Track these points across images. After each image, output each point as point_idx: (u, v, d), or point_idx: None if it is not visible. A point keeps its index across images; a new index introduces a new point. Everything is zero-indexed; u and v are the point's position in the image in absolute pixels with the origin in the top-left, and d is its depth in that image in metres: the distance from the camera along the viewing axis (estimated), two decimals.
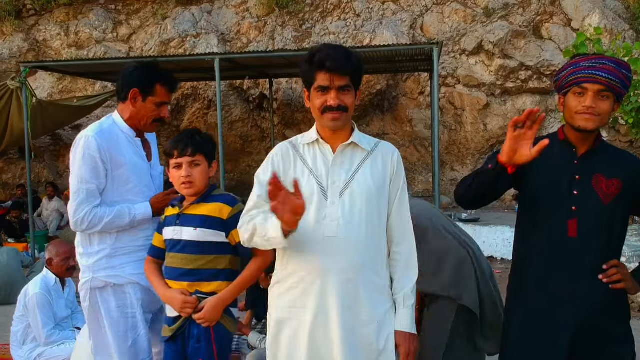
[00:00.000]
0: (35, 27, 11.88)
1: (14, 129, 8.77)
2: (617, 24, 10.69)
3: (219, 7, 11.84)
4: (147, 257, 2.40)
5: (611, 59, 1.84)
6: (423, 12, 11.43)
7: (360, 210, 1.83)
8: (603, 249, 1.88)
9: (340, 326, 1.80)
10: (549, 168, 1.91)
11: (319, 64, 1.77)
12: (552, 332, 1.85)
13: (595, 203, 1.86)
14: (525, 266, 1.97)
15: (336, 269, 1.81)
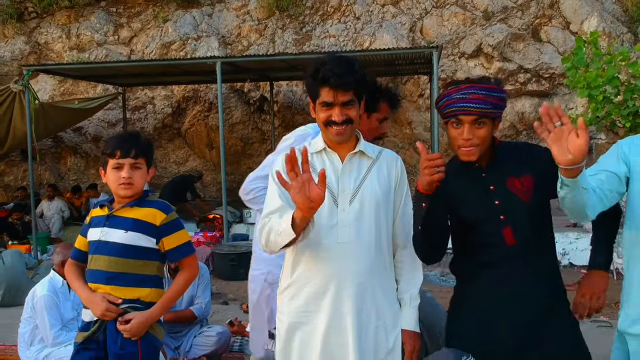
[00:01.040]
0: (37, 30, 11.96)
1: (16, 131, 8.86)
2: (615, 27, 10.78)
3: (220, 10, 11.92)
4: (69, 260, 2.39)
5: (481, 87, 1.85)
6: (422, 15, 11.51)
7: (370, 216, 1.91)
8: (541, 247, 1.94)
9: (355, 329, 1.88)
10: (465, 192, 1.94)
11: (323, 80, 1.83)
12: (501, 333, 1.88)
13: (518, 204, 1.91)
14: (472, 280, 2.00)
15: (350, 273, 1.89)
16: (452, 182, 1.85)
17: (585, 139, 1.56)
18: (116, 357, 2.20)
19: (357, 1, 11.72)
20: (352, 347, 1.86)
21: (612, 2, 11.50)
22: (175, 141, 11.56)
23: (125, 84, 10.52)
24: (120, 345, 2.21)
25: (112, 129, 11.35)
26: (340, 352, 1.88)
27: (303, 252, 1.93)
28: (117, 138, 2.34)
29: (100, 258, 2.25)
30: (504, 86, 1.92)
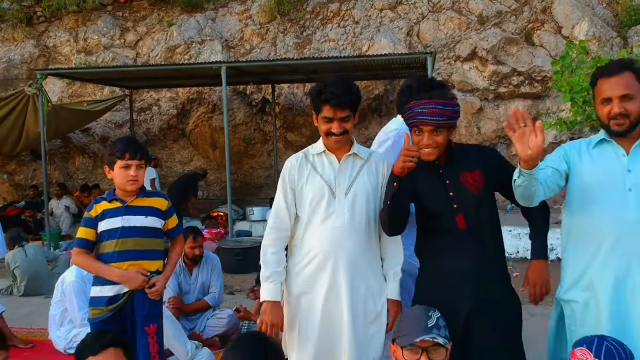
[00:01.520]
0: (46, 34, 12.41)
1: (29, 132, 9.32)
2: (605, 32, 11.22)
3: (223, 15, 12.38)
4: (76, 249, 2.78)
5: (438, 102, 2.26)
6: (419, 20, 11.97)
7: (361, 206, 2.38)
8: (488, 230, 2.37)
9: (348, 296, 2.34)
10: (426, 185, 2.38)
11: (325, 100, 2.30)
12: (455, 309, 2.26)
13: (469, 196, 2.33)
14: (433, 258, 2.42)
15: (344, 252, 2.36)
16: (417, 175, 2.31)
17: (541, 138, 1.95)
18: (145, 319, 2.70)
19: (356, 6, 12.18)
20: (346, 311, 2.33)
21: (602, 7, 11.95)
22: (179, 141, 12.03)
23: (132, 86, 10.98)
24: (148, 308, 2.73)
25: (119, 129, 11.82)
26: (337, 315, 2.34)
27: (308, 236, 2.40)
28: (124, 142, 2.87)
29: (127, 240, 2.74)
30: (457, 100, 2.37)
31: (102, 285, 2.73)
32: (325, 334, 2.35)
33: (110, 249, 2.74)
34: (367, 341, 2.36)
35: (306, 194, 2.43)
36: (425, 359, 1.85)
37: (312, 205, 2.41)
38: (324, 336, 2.35)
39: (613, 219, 2.18)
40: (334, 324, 2.35)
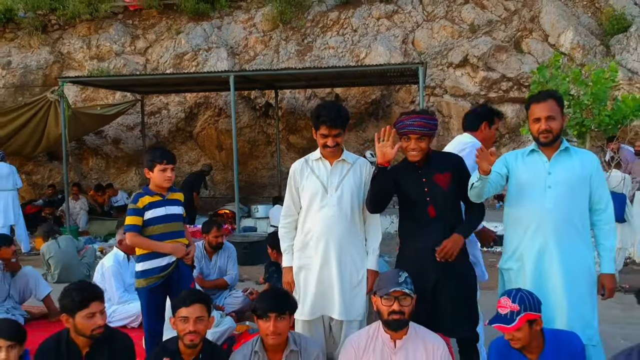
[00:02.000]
0: (60, 41, 13.21)
1: (50, 135, 10.14)
2: (589, 40, 12.03)
3: (228, 23, 13.20)
4: (131, 233, 3.58)
5: (423, 117, 3.08)
6: (414, 28, 12.79)
7: (347, 200, 3.19)
8: (452, 219, 3.15)
9: (337, 267, 3.14)
10: (408, 181, 3.18)
11: (322, 121, 3.10)
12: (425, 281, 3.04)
13: (439, 191, 3.09)
14: (409, 239, 3.23)
15: (334, 234, 3.16)
16: (401, 173, 3.15)
17: (494, 159, 2.82)
18: (188, 278, 3.65)
19: (354, 15, 13.00)
20: (335, 277, 3.13)
21: (588, 16, 12.76)
22: (187, 143, 12.84)
23: (143, 91, 11.79)
24: (186, 271, 3.68)
25: (130, 132, 12.64)
26: (329, 279, 3.15)
27: (308, 222, 3.22)
28: (161, 150, 3.81)
29: (171, 224, 3.64)
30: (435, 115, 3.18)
31: (153, 259, 3.54)
32: (320, 294, 3.16)
33: (158, 232, 3.57)
34: (351, 300, 3.16)
35: (306, 190, 3.25)
36: (397, 305, 2.65)
37: (310, 198, 3.23)
38: (319, 295, 3.16)
39: (536, 209, 2.99)
40: (326, 287, 3.15)
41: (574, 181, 3.00)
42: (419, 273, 3.03)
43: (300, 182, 3.27)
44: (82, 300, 2.71)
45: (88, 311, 2.70)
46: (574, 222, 3.00)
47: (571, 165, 3.02)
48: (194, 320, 2.75)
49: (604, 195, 3.04)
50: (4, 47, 13.04)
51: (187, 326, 2.74)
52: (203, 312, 2.81)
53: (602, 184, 3.07)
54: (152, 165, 3.62)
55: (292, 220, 3.31)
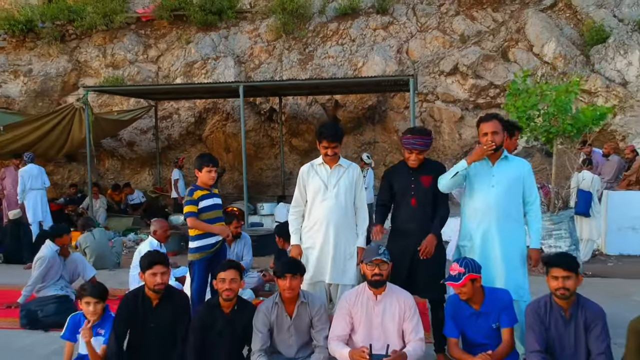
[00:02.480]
0: (77, 50, 14.30)
1: (74, 139, 11.24)
2: (570, 51, 13.12)
3: (235, 33, 14.29)
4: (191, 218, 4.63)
5: (423, 137, 4.20)
6: (408, 38, 13.87)
7: (343, 195, 4.26)
8: (429, 210, 4.23)
9: (334, 244, 4.21)
10: (400, 179, 4.29)
11: (323, 137, 4.19)
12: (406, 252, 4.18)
13: (422, 188, 4.22)
14: (398, 222, 4.33)
15: (333, 221, 4.23)
16: (396, 173, 4.30)
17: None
18: (225, 253, 4.74)
19: (352, 26, 14.09)
20: (332, 252, 4.20)
21: (570, 27, 13.84)
22: (197, 146, 13.94)
23: (157, 98, 12.89)
24: (224, 248, 4.77)
25: (144, 135, 13.73)
26: (327, 254, 4.21)
27: (313, 211, 4.30)
28: (209, 156, 4.89)
29: (216, 212, 4.73)
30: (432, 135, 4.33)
31: (206, 238, 4.61)
32: (320, 265, 4.23)
33: (208, 217, 4.64)
34: (344, 269, 4.24)
35: (311, 187, 4.33)
36: (377, 269, 3.72)
37: (314, 193, 4.31)
38: (319, 264, 4.24)
39: (484, 202, 4.08)
40: (325, 259, 4.23)
41: (511, 181, 4.10)
42: (403, 247, 4.19)
43: (307, 181, 4.36)
44: (149, 263, 3.79)
45: (152, 271, 3.78)
46: (511, 212, 4.10)
47: (509, 169, 4.12)
48: (229, 281, 3.82)
49: (533, 192, 4.14)
50: (25, 56, 14.13)
51: (225, 285, 3.81)
52: (236, 275, 3.87)
53: (532, 184, 4.16)
54: (201, 167, 4.71)
55: (300, 210, 4.41)
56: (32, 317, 5.24)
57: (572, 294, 3.39)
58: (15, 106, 13.65)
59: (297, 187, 4.44)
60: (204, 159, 4.73)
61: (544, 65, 13.15)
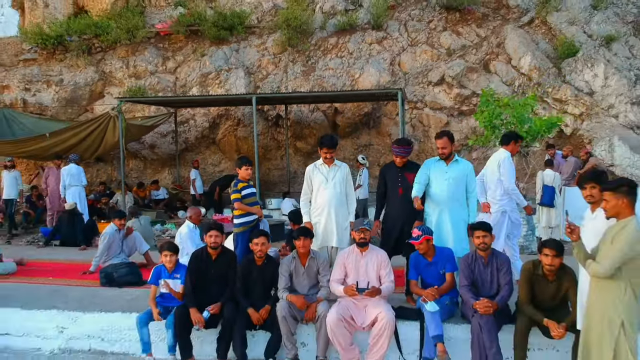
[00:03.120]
0: (102, 62, 16.24)
1: (107, 143, 13.17)
2: (544, 63, 15.04)
3: (244, 47, 16.23)
4: (238, 202, 6.51)
5: (404, 147, 6.16)
6: (400, 52, 15.81)
7: (338, 186, 6.18)
8: (409, 197, 6.03)
9: (334, 221, 6.12)
10: (390, 176, 6.20)
11: (324, 146, 6.13)
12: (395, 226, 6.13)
13: (406, 182, 6.11)
14: (390, 206, 6.22)
15: (333, 205, 6.15)
16: (388, 171, 6.25)
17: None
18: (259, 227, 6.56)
19: (350, 40, 16.03)
20: (334, 226, 6.13)
21: (545, 42, 15.78)
22: (211, 148, 15.88)
23: (176, 106, 14.84)
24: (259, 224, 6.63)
25: (163, 139, 15.67)
26: (330, 227, 6.13)
27: (317, 198, 6.23)
28: (246, 157, 6.75)
29: (253, 198, 6.65)
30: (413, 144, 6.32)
31: (247, 217, 6.48)
32: (325, 234, 6.13)
33: (249, 201, 6.53)
34: (341, 237, 6.13)
35: (315, 181, 6.26)
36: (362, 235, 5.59)
37: (317, 185, 6.23)
38: (325, 234, 6.12)
39: (440, 192, 6.00)
40: (328, 230, 6.14)
41: (459, 177, 6.04)
42: (393, 223, 6.17)
43: (312, 176, 6.29)
44: (207, 229, 5.71)
45: (210, 234, 5.70)
46: (458, 198, 6.04)
47: (457, 169, 6.07)
48: (261, 244, 5.74)
49: (473, 184, 6.08)
50: (56, 67, 16.07)
51: (258, 247, 5.72)
52: (265, 240, 5.80)
53: (473, 179, 6.11)
54: (240, 166, 6.61)
55: (308, 197, 6.33)
56: (110, 278, 7.17)
57: (488, 247, 5.33)
58: (48, 112, 15.58)
59: (305, 181, 6.36)
60: (242, 161, 6.65)
61: (521, 77, 15.09)
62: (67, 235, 10.39)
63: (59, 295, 6.75)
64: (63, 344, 6.04)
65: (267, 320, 5.59)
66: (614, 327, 3.99)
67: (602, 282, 4.08)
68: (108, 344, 5.96)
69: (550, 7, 15.97)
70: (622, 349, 3.97)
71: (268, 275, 5.78)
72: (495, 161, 6.89)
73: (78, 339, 6.03)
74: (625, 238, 3.96)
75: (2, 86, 15.82)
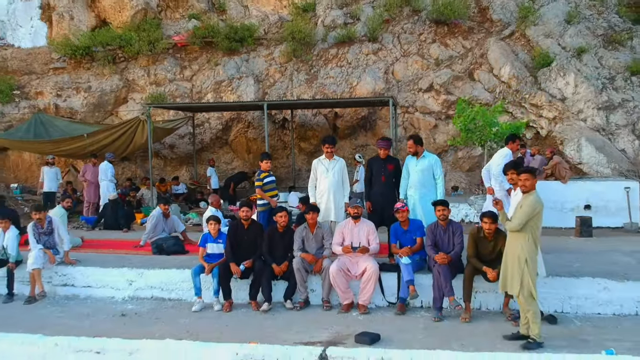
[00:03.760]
0: (126, 70, 18.49)
1: (135, 144, 15.41)
2: (522, 72, 17.28)
3: (254, 57, 18.48)
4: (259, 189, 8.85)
5: (385, 141, 8.57)
6: (394, 62, 18.06)
7: (336, 176, 8.41)
8: (391, 182, 8.37)
9: (333, 201, 8.37)
10: (375, 166, 8.49)
11: (326, 144, 8.40)
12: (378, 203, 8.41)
13: (387, 171, 8.42)
14: (374, 190, 8.49)
15: (332, 191, 8.38)
16: (374, 163, 8.60)
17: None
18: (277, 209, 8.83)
19: (349, 51, 18.27)
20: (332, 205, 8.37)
21: (524, 52, 18.02)
22: (224, 148, 18.12)
23: (193, 110, 17.08)
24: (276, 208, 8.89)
25: (181, 139, 17.91)
26: (329, 205, 8.36)
27: (320, 184, 8.48)
28: (268, 154, 9.07)
29: (273, 184, 9.03)
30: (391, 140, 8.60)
31: (265, 201, 8.81)
32: (327, 211, 8.32)
33: (269, 187, 8.83)
34: (338, 212, 8.35)
35: (319, 171, 8.51)
36: (356, 210, 7.75)
37: (320, 174, 8.47)
38: (326, 211, 8.32)
39: (413, 180, 8.26)
40: (329, 207, 8.33)
41: (426, 169, 8.30)
42: (377, 201, 8.44)
43: (316, 168, 8.53)
44: (240, 205, 7.97)
45: (242, 209, 7.96)
46: (427, 184, 8.29)
47: (426, 162, 8.32)
48: (282, 216, 7.99)
49: (438, 172, 8.30)
50: (84, 75, 18.32)
51: (281, 219, 7.95)
52: (285, 215, 8.04)
53: (438, 168, 8.34)
54: (262, 160, 8.89)
55: (313, 183, 8.55)
56: (160, 248, 9.40)
57: (446, 217, 7.56)
58: (78, 116, 17.81)
59: (312, 172, 8.59)
60: (264, 156, 8.90)
61: (501, 84, 17.33)
62: (110, 220, 12.63)
63: (124, 260, 8.99)
64: (131, 293, 8.28)
65: (285, 272, 7.82)
66: (521, 262, 6.21)
67: (515, 234, 6.31)
68: (166, 293, 8.20)
69: (528, 22, 18.21)
70: (525, 277, 6.19)
71: (287, 240, 8.02)
72: (499, 157, 9.15)
73: (143, 289, 8.27)
74: (529, 204, 6.19)
75: (36, 92, 18.07)
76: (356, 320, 7.21)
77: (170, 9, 20.46)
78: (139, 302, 8.15)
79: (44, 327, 7.01)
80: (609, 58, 17.49)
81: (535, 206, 6.19)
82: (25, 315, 7.70)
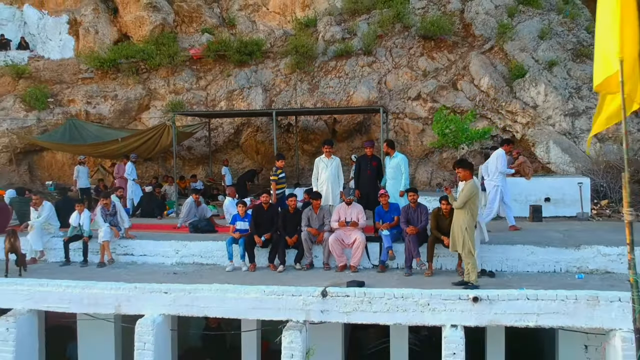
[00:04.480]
0: (148, 80, 21.45)
1: (161, 147, 18.37)
2: (499, 83, 20.20)
3: (262, 69, 21.46)
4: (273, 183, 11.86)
5: (370, 142, 11.76)
6: (386, 73, 21.01)
7: (332, 170, 11.40)
8: (374, 176, 11.36)
9: (331, 191, 11.33)
10: (363, 162, 11.54)
11: (326, 145, 11.41)
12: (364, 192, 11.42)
13: (372, 167, 11.42)
14: (360, 183, 11.49)
15: (330, 183, 11.37)
16: (362, 160, 11.69)
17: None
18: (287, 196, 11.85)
19: (346, 63, 21.21)
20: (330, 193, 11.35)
21: (502, 65, 20.95)
22: (235, 150, 21.07)
23: (209, 116, 20.04)
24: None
25: (197, 142, 20.86)
26: (328, 194, 11.33)
27: (320, 177, 11.48)
28: (281, 154, 12.14)
29: (284, 178, 11.96)
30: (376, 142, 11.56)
31: (278, 191, 11.76)
32: (326, 197, 11.27)
33: (282, 180, 11.83)
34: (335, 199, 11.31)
35: (319, 167, 11.51)
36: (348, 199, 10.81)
37: (320, 169, 11.46)
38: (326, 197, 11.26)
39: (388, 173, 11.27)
40: (328, 195, 11.29)
41: (395, 166, 11.31)
42: (363, 190, 11.50)
43: (318, 164, 11.51)
44: (261, 193, 10.94)
45: (262, 195, 10.95)
46: (395, 177, 11.31)
47: (394, 161, 11.33)
48: (292, 200, 10.94)
49: (403, 169, 11.29)
50: (111, 85, 21.29)
51: (292, 202, 10.89)
52: (294, 199, 11.00)
53: (404, 165, 11.33)
54: (278, 159, 11.91)
55: (316, 176, 11.50)
56: (196, 228, 12.37)
57: (416, 201, 10.51)
58: (106, 121, 20.75)
59: (314, 168, 11.56)
60: (280, 156, 11.90)
61: (481, 93, 20.25)
62: (146, 209, 15.58)
63: (169, 236, 11.95)
64: (178, 259, 11.24)
65: (296, 243, 10.76)
66: (463, 230, 9.14)
67: (459, 210, 9.26)
68: (205, 259, 11.17)
69: (506, 37, 21.14)
70: (466, 239, 9.12)
71: (297, 218, 10.97)
72: (495, 156, 12.05)
73: (187, 257, 11.22)
74: (468, 189, 9.14)
75: (68, 100, 21.03)
76: (348, 276, 10.15)
77: (185, 24, 23.42)
78: (185, 266, 11.10)
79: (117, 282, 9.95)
80: (576, 70, 20.40)
81: (472, 190, 9.14)
82: (99, 276, 10.61)
